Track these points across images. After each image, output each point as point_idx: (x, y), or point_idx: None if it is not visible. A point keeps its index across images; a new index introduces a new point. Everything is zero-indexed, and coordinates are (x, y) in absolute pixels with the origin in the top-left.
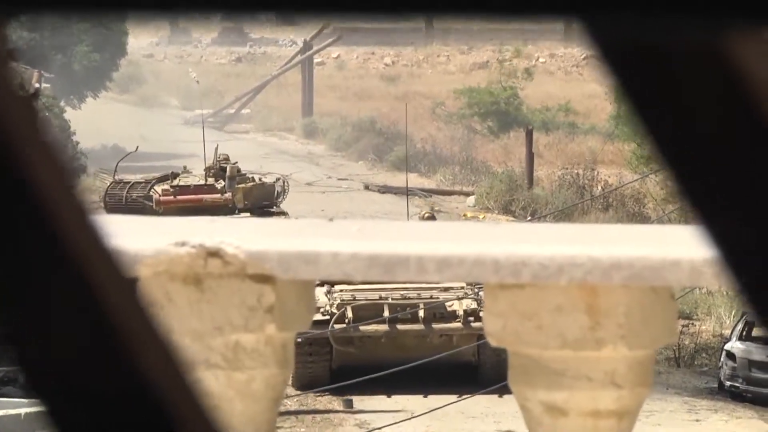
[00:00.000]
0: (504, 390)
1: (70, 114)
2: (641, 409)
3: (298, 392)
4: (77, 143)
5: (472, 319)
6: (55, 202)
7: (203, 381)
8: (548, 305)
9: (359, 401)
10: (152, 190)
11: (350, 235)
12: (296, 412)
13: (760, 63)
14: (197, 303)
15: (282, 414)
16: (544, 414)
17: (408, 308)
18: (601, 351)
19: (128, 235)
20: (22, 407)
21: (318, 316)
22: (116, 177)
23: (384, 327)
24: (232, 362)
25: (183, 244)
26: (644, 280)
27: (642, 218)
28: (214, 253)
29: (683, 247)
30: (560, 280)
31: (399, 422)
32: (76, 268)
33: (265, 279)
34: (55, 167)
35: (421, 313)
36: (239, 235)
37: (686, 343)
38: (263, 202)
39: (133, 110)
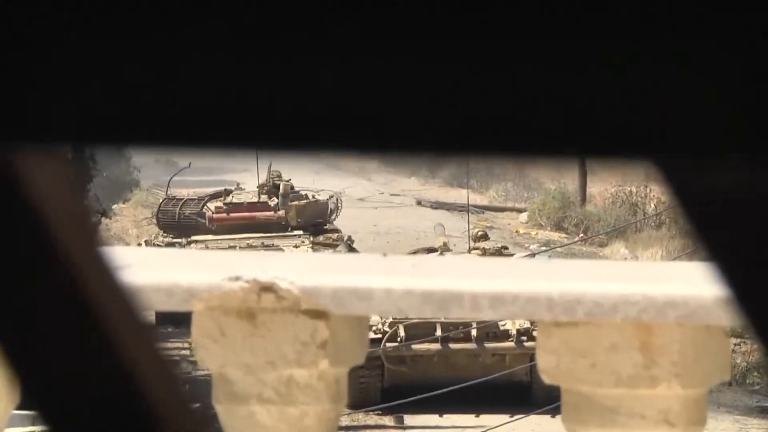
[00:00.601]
0: (556, 410)
1: None
2: None
3: (349, 411)
4: (130, 157)
5: (525, 338)
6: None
7: (256, 415)
8: (602, 343)
9: (410, 419)
10: (205, 207)
11: (404, 270)
12: (347, 428)
13: None
14: (250, 337)
15: None
16: None
17: (460, 327)
18: (655, 389)
19: (181, 268)
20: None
21: (370, 335)
22: (169, 193)
23: (436, 346)
24: (284, 397)
25: (237, 278)
26: (699, 319)
27: (691, 238)
28: (267, 288)
29: None
30: (614, 317)
31: None
32: (87, 301)
33: (318, 314)
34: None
35: (474, 332)
36: (293, 270)
37: (738, 361)
38: (316, 219)
39: None
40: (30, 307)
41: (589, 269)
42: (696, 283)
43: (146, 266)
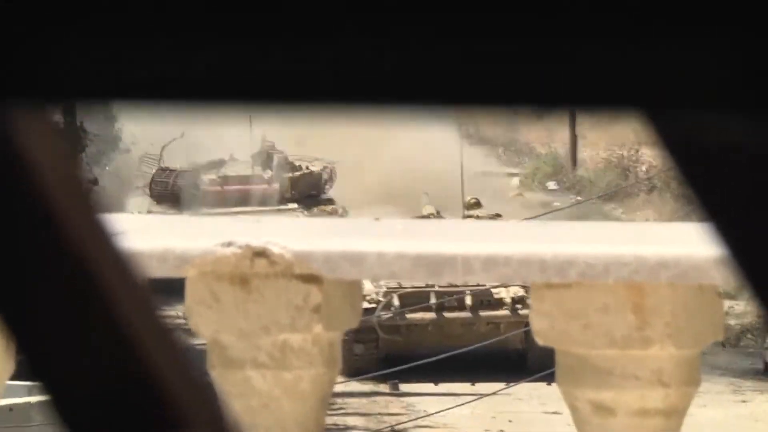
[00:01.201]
0: (551, 378)
1: None
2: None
3: (344, 380)
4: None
5: (519, 306)
6: (62, 200)
7: (251, 380)
8: (595, 304)
9: (406, 388)
10: (199, 179)
11: (396, 234)
12: (342, 395)
13: None
14: (244, 303)
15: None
16: (593, 413)
17: (455, 296)
18: (649, 350)
19: (174, 235)
20: (32, 395)
21: (364, 304)
22: (162, 164)
23: (431, 315)
24: (279, 362)
25: (229, 244)
26: (691, 279)
27: (687, 199)
28: (260, 253)
29: None
30: (607, 279)
31: (448, 408)
32: (85, 268)
33: (311, 279)
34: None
35: (468, 301)
36: (285, 234)
37: (731, 323)
38: (311, 191)
39: None
40: (27, 273)
41: (581, 231)
42: (688, 244)
43: (138, 233)
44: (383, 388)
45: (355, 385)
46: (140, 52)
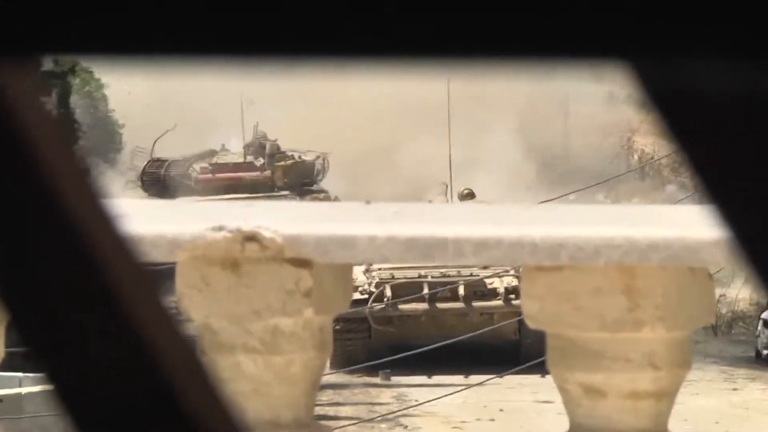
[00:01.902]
0: (544, 369)
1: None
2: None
3: (335, 371)
4: (115, 119)
5: (513, 296)
6: (65, 186)
7: (242, 365)
8: (586, 287)
9: (399, 381)
10: (191, 168)
11: (387, 218)
12: (334, 386)
13: None
14: (235, 287)
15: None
16: (583, 396)
17: (448, 286)
18: (640, 332)
19: (165, 220)
20: (23, 386)
21: (356, 295)
22: (153, 155)
23: (423, 306)
24: (270, 346)
25: (220, 228)
26: (682, 261)
27: (681, 187)
28: (251, 238)
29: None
30: (598, 261)
31: (439, 398)
32: (88, 252)
33: (302, 263)
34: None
35: (461, 291)
36: (276, 219)
37: (723, 312)
38: (303, 179)
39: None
40: (26, 249)
41: (572, 214)
42: (679, 226)
43: (130, 218)
44: (375, 380)
45: (346, 377)
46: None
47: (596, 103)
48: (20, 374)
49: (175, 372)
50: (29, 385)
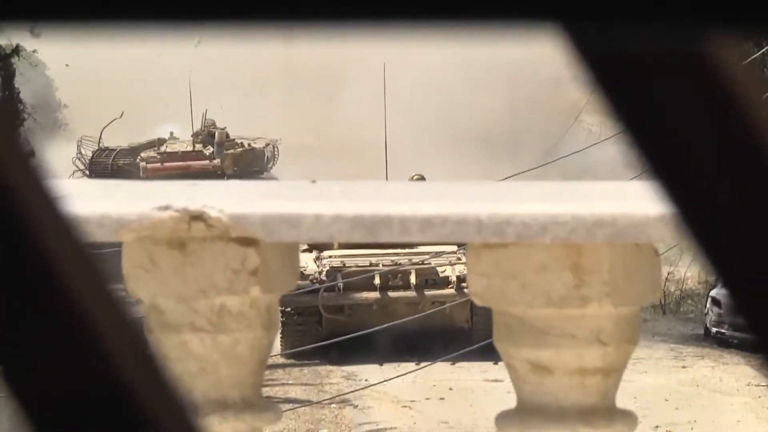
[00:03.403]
0: (498, 356)
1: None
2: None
3: (288, 361)
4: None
5: (465, 285)
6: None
7: (189, 344)
8: (532, 264)
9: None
10: (139, 157)
11: (333, 196)
12: (283, 365)
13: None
14: (181, 266)
15: (270, 367)
16: (530, 372)
17: (399, 275)
18: (586, 309)
19: (110, 200)
20: None
21: (307, 284)
22: (101, 144)
23: (375, 294)
24: (217, 325)
25: (166, 208)
26: (628, 238)
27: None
28: (197, 217)
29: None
30: (544, 239)
31: (390, 379)
32: (32, 235)
33: (248, 242)
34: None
35: (413, 280)
36: (222, 198)
37: (671, 290)
38: (253, 168)
39: None
40: None
41: (519, 190)
42: (625, 201)
43: (75, 198)
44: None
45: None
46: None
47: (540, 83)
48: None
49: (119, 353)
50: None
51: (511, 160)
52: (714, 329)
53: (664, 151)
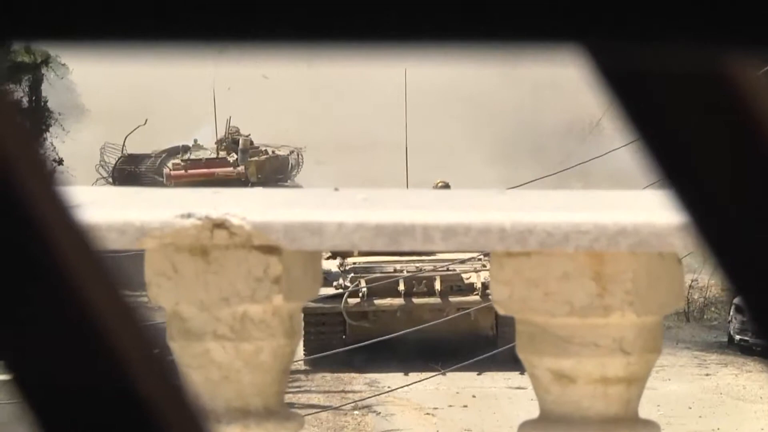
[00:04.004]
0: (521, 365)
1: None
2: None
3: (310, 368)
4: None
5: (490, 291)
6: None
7: (211, 352)
8: (555, 272)
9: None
10: (162, 164)
11: (356, 204)
12: (305, 371)
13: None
14: (204, 274)
15: (292, 373)
16: (553, 381)
17: (424, 281)
18: (609, 318)
19: (133, 207)
20: None
21: (331, 290)
22: (125, 151)
23: (399, 301)
24: (239, 333)
25: (189, 215)
26: (651, 247)
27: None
28: (220, 225)
29: None
30: (566, 247)
31: (412, 383)
32: (45, 241)
33: (271, 250)
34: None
35: (438, 286)
36: (245, 206)
37: (695, 297)
38: (277, 175)
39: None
40: None
41: (541, 199)
42: (648, 211)
43: (98, 205)
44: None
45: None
46: None
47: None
48: None
49: (134, 362)
50: None
51: (532, 163)
52: (737, 337)
53: (682, 166)
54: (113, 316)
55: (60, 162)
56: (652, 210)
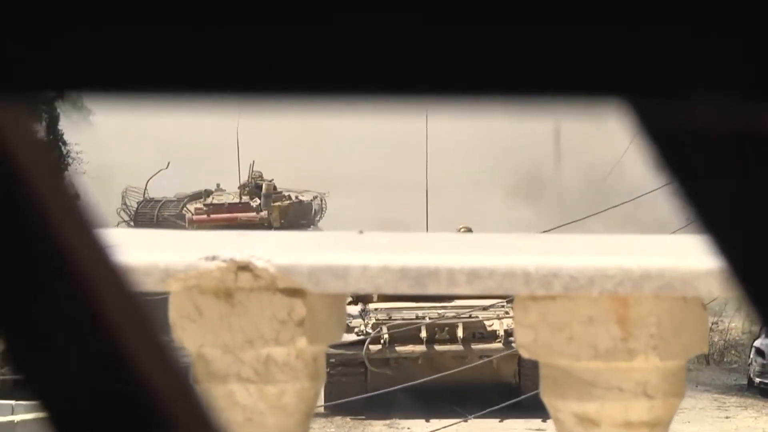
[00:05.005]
0: (544, 413)
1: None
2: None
3: (330, 412)
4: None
5: (512, 339)
6: (57, 213)
7: (235, 394)
8: (579, 316)
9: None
10: (185, 208)
11: (380, 247)
12: (326, 415)
13: None
14: (228, 316)
15: (313, 416)
16: (577, 425)
17: (446, 328)
18: (633, 362)
19: (158, 249)
20: (15, 414)
21: (352, 337)
22: (146, 195)
23: (421, 348)
24: (263, 375)
25: (213, 258)
26: (675, 291)
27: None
28: (244, 267)
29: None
30: (591, 291)
31: (436, 430)
32: (80, 279)
33: (295, 292)
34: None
35: (460, 333)
36: (269, 248)
37: (715, 340)
38: (300, 220)
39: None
40: (18, 276)
41: (566, 243)
42: (672, 255)
43: (123, 247)
44: (372, 424)
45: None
46: (127, 39)
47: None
48: (13, 402)
49: (168, 399)
50: (22, 413)
51: (556, 207)
52: (757, 379)
53: (722, 217)
54: (150, 355)
55: (77, 197)
56: (677, 254)
